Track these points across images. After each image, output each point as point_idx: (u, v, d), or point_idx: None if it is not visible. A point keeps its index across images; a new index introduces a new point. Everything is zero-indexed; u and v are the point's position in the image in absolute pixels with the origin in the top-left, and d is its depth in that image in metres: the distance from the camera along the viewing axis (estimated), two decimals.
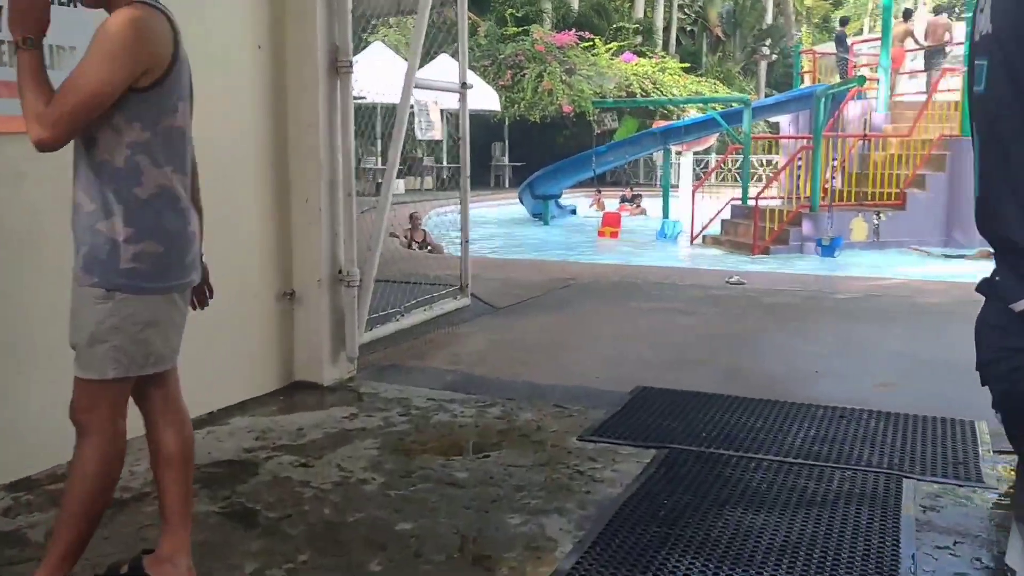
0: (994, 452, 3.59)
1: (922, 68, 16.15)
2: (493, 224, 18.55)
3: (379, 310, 5.32)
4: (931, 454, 3.59)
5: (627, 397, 4.41)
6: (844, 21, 18.96)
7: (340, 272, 4.57)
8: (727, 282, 8.42)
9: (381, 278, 5.33)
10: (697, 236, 14.50)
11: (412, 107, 5.55)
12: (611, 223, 16.09)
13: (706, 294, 7.49)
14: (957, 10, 21.14)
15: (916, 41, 16.28)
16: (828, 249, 12.00)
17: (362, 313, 4.70)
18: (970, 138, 1.85)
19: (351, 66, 4.42)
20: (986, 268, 1.85)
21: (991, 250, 1.80)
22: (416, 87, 5.34)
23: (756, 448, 3.66)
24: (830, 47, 18.94)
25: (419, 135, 4.97)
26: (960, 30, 14.90)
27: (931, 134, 13.81)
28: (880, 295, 7.29)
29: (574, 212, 20.40)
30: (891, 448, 3.65)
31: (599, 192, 19.19)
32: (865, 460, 3.52)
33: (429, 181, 22.79)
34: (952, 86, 14.82)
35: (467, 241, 6.01)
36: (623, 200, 21.64)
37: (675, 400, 4.36)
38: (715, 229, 14.60)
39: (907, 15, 15.93)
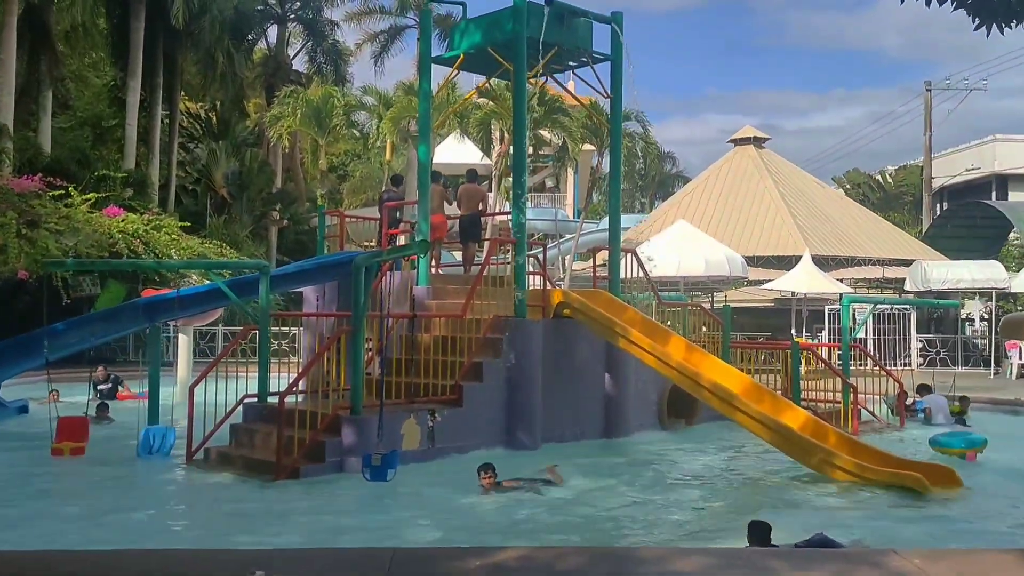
0: None
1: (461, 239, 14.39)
2: None
3: None
4: None
5: None
6: (397, 180, 16.84)
7: None
8: None
9: None
10: (197, 451, 10.35)
11: None
12: (72, 434, 11.14)
13: None
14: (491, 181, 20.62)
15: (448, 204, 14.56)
16: (379, 471, 8.74)
17: None
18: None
19: None
20: None
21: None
22: None
23: None
24: (367, 211, 16.69)
25: None
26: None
27: (484, 313, 11.68)
28: None
29: (25, 410, 14.76)
30: None
31: (53, 392, 13.47)
32: None
33: None
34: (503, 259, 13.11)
35: None
36: (100, 390, 16.40)
37: None
38: (225, 436, 10.61)
39: (436, 178, 14.13)
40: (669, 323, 14.25)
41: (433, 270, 13.62)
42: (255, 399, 10.89)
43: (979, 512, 8.12)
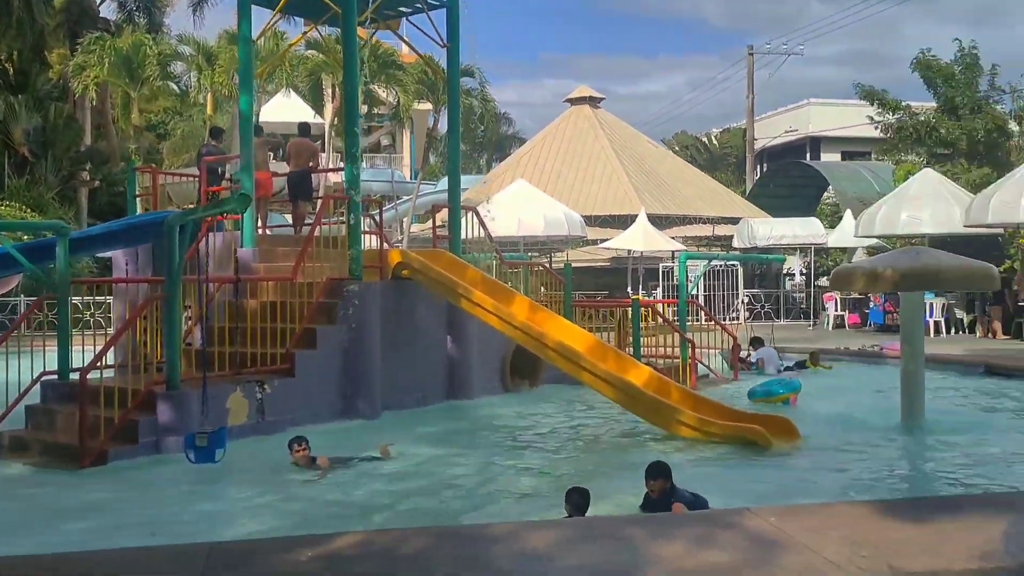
0: None
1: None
2: None
3: None
4: None
5: None
6: (216, 133, 15.45)
7: None
8: None
9: None
10: None
11: None
12: None
13: None
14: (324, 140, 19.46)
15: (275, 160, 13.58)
16: (206, 452, 7.90)
17: None
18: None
19: None
20: None
21: None
22: None
23: None
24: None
25: None
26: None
27: (317, 276, 10.89)
28: None
29: None
30: None
31: None
32: None
33: None
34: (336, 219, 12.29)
35: None
36: None
37: None
38: (20, 419, 9.40)
39: (257, 131, 13.11)
40: (511, 283, 13.95)
41: (260, 231, 12.66)
42: (55, 376, 9.71)
43: (818, 464, 8.24)
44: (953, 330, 21.04)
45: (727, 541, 4.60)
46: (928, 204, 20.35)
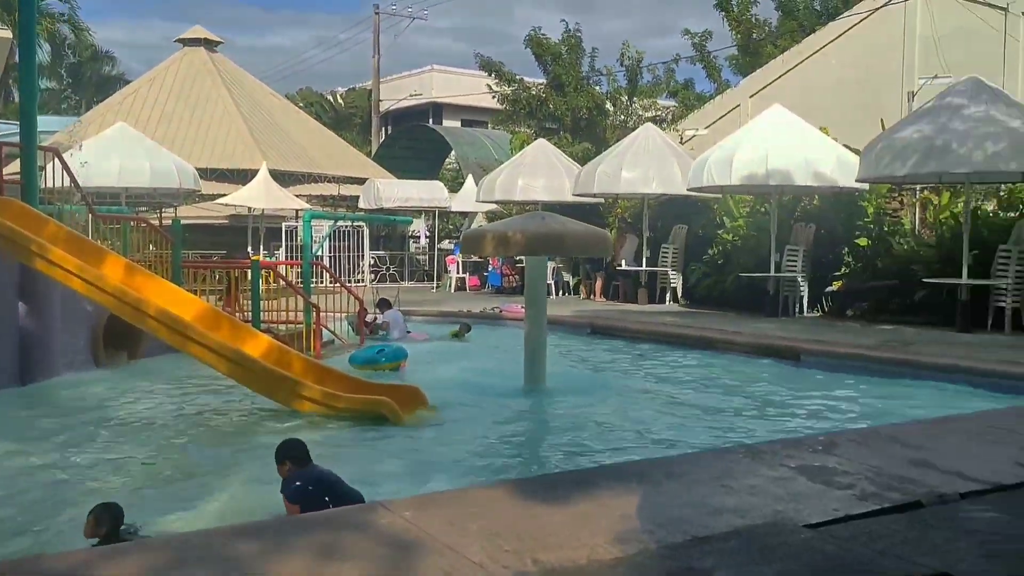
0: None
1: None
2: None
3: None
4: None
5: None
6: None
7: None
8: None
9: None
10: None
11: None
12: None
13: None
14: None
15: None
16: None
17: None
18: None
19: None
20: None
21: None
22: None
23: None
24: None
25: None
26: None
27: None
28: None
29: None
30: None
31: None
32: None
33: None
34: None
35: None
36: None
37: None
38: None
39: None
40: (110, 242, 12.07)
41: None
42: None
43: (449, 436, 7.90)
44: (561, 292, 22.49)
45: (358, 548, 3.92)
46: (542, 173, 21.42)
